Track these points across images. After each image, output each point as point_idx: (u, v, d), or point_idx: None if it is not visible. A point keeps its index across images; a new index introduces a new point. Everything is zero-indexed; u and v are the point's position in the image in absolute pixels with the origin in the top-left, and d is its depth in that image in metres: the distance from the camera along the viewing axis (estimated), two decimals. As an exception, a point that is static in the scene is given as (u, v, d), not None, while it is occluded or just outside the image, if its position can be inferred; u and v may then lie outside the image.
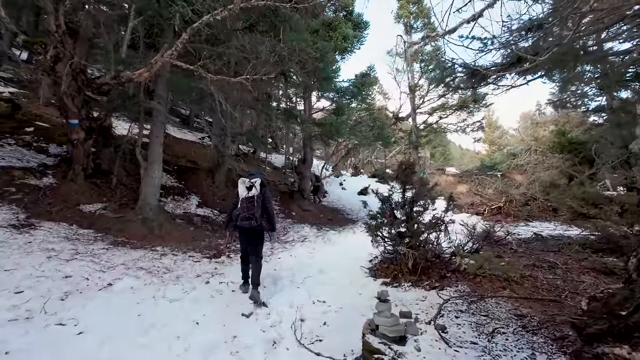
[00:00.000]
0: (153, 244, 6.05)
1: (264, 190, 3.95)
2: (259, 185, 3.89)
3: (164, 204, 7.95)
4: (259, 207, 3.82)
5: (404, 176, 4.54)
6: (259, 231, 3.93)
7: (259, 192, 3.85)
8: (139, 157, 7.20)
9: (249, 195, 3.84)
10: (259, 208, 3.81)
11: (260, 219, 3.80)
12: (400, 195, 4.57)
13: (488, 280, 3.58)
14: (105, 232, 6.10)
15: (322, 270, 4.66)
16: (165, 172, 9.87)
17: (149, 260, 4.92)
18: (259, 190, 3.87)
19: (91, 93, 6.85)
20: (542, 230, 6.94)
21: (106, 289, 3.70)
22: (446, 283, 3.67)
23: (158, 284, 4.07)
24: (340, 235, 7.91)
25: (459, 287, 3.54)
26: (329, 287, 4.03)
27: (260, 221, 3.80)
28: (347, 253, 5.77)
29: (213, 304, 3.61)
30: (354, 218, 11.67)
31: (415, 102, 18.27)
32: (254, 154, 16.29)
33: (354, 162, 27.04)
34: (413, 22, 19.23)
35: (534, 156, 17.34)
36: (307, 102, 11.02)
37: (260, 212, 3.82)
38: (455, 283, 3.66)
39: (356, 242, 6.96)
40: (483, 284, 3.52)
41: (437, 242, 4.20)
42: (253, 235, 3.95)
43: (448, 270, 3.88)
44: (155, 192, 7.12)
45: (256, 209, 3.78)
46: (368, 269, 4.64)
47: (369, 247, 5.94)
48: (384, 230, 4.54)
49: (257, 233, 3.94)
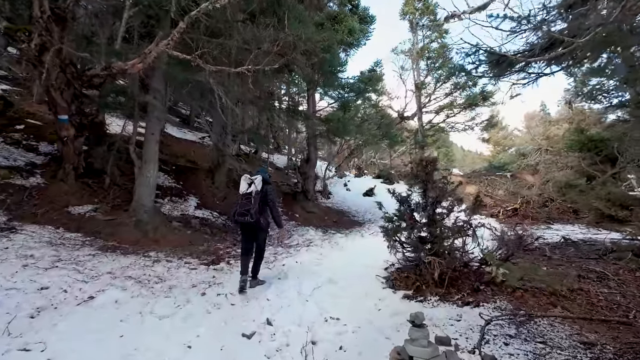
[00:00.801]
0: (146, 249, 5.56)
1: (266, 188, 3.97)
2: (259, 182, 3.93)
3: (160, 206, 7.47)
4: (256, 203, 3.84)
5: (424, 174, 4.03)
6: (255, 227, 3.96)
7: (258, 189, 3.89)
8: (132, 155, 6.73)
9: (247, 192, 3.94)
10: (256, 204, 3.83)
11: (256, 215, 3.81)
12: (421, 196, 4.07)
13: (531, 295, 3.07)
14: (94, 236, 5.62)
15: (333, 279, 4.14)
16: (163, 172, 9.40)
17: (139, 268, 4.43)
18: (259, 187, 3.91)
19: (82, 86, 6.40)
20: (568, 234, 6.40)
21: (86, 304, 3.21)
22: (481, 298, 3.16)
23: (147, 296, 3.57)
24: (347, 239, 7.40)
25: (497, 303, 3.03)
26: (342, 300, 3.52)
27: (256, 217, 3.81)
28: (358, 259, 5.26)
29: (209, 321, 3.11)
30: (361, 220, 11.16)
31: (422, 100, 17.76)
32: (256, 154, 15.80)
33: (357, 163, 26.54)
34: (419, 19, 18.75)
35: (544, 156, 16.82)
36: (310, 99, 10.53)
37: (257, 208, 3.84)
38: (492, 298, 3.14)
39: (366, 246, 6.46)
40: (526, 300, 3.01)
41: (464, 248, 3.69)
42: (250, 231, 4.06)
43: (481, 282, 3.37)
44: (150, 193, 6.64)
45: (252, 205, 3.82)
46: (384, 278, 4.13)
47: (382, 252, 5.43)
48: (403, 234, 4.03)
49: (253, 228, 4.00)
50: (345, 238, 7.51)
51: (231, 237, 7.36)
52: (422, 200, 4.02)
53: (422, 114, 18.20)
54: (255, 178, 3.99)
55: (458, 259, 3.57)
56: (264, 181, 4.03)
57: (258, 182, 3.95)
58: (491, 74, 4.83)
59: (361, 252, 5.85)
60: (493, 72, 4.81)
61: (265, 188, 3.98)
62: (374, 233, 7.92)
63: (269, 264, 5.32)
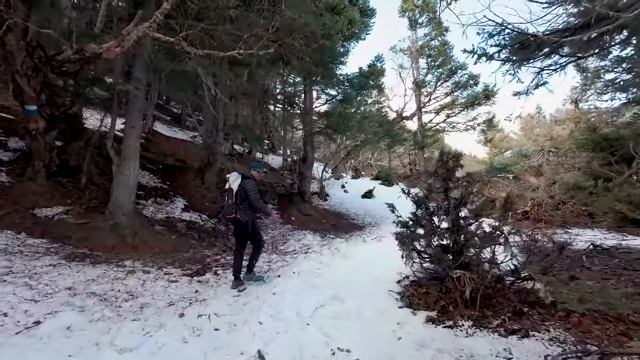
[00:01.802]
0: (122, 257, 4.87)
1: (243, 183, 4.01)
2: (234, 179, 4.05)
3: (141, 208, 6.77)
4: (230, 200, 4.01)
5: (445, 171, 3.42)
6: (238, 222, 4.05)
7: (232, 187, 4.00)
8: (110, 151, 6.03)
9: (225, 188, 4.12)
10: (230, 201, 4.00)
11: (230, 210, 3.98)
12: (442, 197, 3.46)
13: (591, 321, 2.46)
14: (62, 243, 4.92)
15: (337, 295, 3.50)
16: (148, 171, 8.70)
17: (108, 282, 3.74)
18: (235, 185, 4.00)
19: (52, 73, 5.71)
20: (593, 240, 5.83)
21: (28, 332, 2.52)
22: (527, 324, 2.54)
23: (111, 319, 2.90)
24: (349, 245, 6.76)
25: (552, 332, 2.41)
26: (352, 324, 2.88)
27: (231, 213, 3.98)
28: (364, 269, 4.62)
29: (184, 355, 2.45)
30: (360, 224, 10.54)
31: (421, 99, 17.25)
32: (250, 153, 15.13)
33: (354, 164, 25.98)
34: (418, 16, 18.29)
35: (547, 157, 16.39)
36: (307, 95, 9.91)
37: (233, 202, 3.97)
38: (542, 324, 2.53)
39: (370, 253, 5.83)
40: (588, 328, 2.39)
41: (494, 259, 3.08)
42: (236, 228, 4.20)
43: (523, 302, 2.76)
44: (129, 193, 5.94)
45: (227, 202, 4.04)
46: (399, 294, 3.49)
47: (390, 261, 4.81)
48: (420, 242, 3.41)
49: (236, 224, 4.11)
50: (346, 244, 6.87)
51: (221, 242, 6.69)
52: (443, 203, 3.41)
53: (422, 114, 17.69)
54: (230, 175, 4.14)
55: (490, 272, 2.95)
56: (243, 176, 4.09)
57: (233, 179, 4.06)
58: (515, 58, 4.25)
59: (366, 260, 5.21)
60: (517, 56, 4.24)
61: (243, 183, 4.00)
62: (377, 238, 7.30)
63: (262, 273, 4.66)
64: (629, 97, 7.52)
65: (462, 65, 14.95)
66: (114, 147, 6.11)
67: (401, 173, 18.20)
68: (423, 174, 16.82)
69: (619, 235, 6.32)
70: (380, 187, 15.16)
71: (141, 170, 8.43)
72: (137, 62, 6.24)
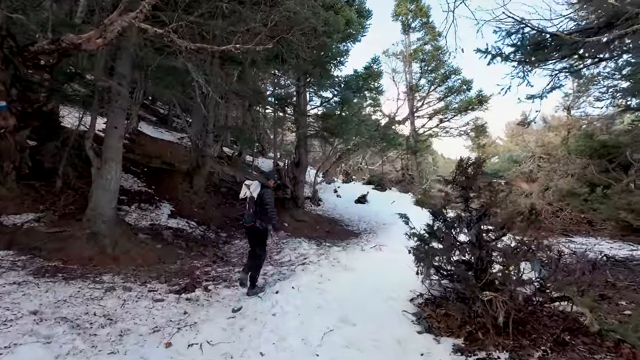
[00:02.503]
0: (100, 271, 4.37)
1: (262, 192, 4.01)
2: (255, 187, 4.03)
3: (124, 214, 6.24)
4: (250, 208, 4.00)
5: (465, 179, 3.11)
6: (256, 230, 4.07)
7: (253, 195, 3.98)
8: (89, 152, 5.51)
9: (243, 197, 4.11)
10: (250, 209, 4.00)
11: (250, 219, 3.99)
12: (462, 207, 3.14)
13: (647, 353, 2.18)
14: (32, 254, 4.38)
15: (346, 317, 3.12)
16: (132, 174, 8.15)
17: (82, 302, 3.26)
18: (255, 193, 3.99)
19: (25, 66, 5.17)
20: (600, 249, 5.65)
21: (-24, 375, 2.05)
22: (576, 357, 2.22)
23: (83, 352, 2.44)
24: (347, 254, 6.40)
25: (607, 370, 2.11)
26: (368, 355, 2.51)
27: (251, 221, 3.99)
28: (369, 284, 4.26)
29: (173, 400, 2.02)
30: (356, 230, 10.19)
31: (414, 104, 17.13)
32: (240, 156, 14.61)
33: (344, 169, 25.73)
34: (411, 20, 18.23)
35: (537, 162, 16.49)
36: (302, 96, 9.54)
37: (252, 213, 3.98)
38: (591, 357, 2.22)
39: (373, 265, 5.48)
40: (647, 363, 2.11)
41: (521, 277, 2.77)
42: (251, 234, 4.17)
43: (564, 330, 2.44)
44: (110, 199, 5.43)
45: (246, 210, 4.02)
46: (414, 315, 3.14)
47: (396, 273, 4.49)
48: (439, 258, 3.07)
49: (254, 231, 4.10)
50: (344, 253, 6.50)
51: (211, 251, 6.22)
52: (464, 214, 3.09)
53: (415, 118, 17.58)
54: (250, 184, 4.10)
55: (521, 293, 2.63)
56: (262, 185, 4.07)
57: (254, 187, 4.04)
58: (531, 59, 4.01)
59: (370, 273, 4.84)
60: (533, 57, 3.99)
61: (262, 192, 4.01)
62: (376, 247, 6.96)
63: (258, 288, 4.25)
64: (628, 104, 7.45)
65: (455, 70, 14.92)
66: (93, 147, 5.60)
67: (394, 178, 18.01)
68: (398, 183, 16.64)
69: (626, 245, 6.18)
70: (374, 192, 14.90)
71: (124, 173, 7.87)
72: (121, 56, 5.75)
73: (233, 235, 7.54)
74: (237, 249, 6.70)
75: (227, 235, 7.41)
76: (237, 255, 6.28)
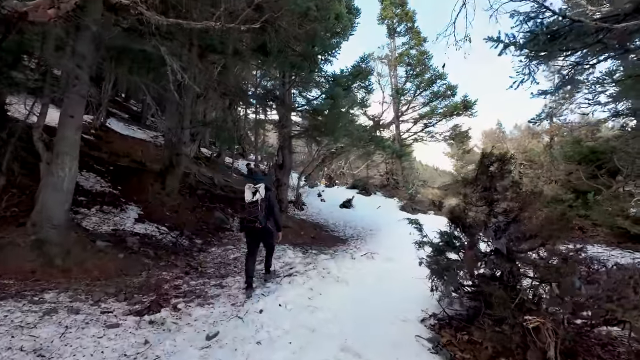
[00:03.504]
0: (43, 286, 3.59)
1: (269, 195, 4.12)
2: (263, 190, 4.09)
3: (81, 218, 5.41)
4: (263, 210, 4.02)
5: (489, 179, 2.64)
6: (264, 232, 4.11)
7: (263, 196, 4.03)
8: (37, 144, 4.70)
9: (253, 200, 4.04)
10: (263, 211, 4.02)
11: (264, 221, 4.01)
12: (485, 213, 2.66)
13: None
14: (-46, 268, 3.54)
15: (348, 345, 2.53)
16: (96, 173, 7.26)
17: (6, 332, 2.51)
18: (263, 195, 4.05)
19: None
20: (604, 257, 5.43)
21: None
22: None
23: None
24: (337, 263, 5.83)
25: None
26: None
27: (264, 223, 4.01)
28: (368, 299, 3.70)
29: None
30: (342, 236, 9.65)
31: (400, 108, 16.93)
32: (218, 157, 13.80)
33: (327, 172, 25.26)
34: (397, 25, 18.13)
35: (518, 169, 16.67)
36: (288, 93, 8.97)
37: (265, 214, 4.03)
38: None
39: (367, 275, 4.94)
40: None
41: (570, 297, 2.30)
42: (257, 236, 4.19)
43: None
44: (63, 200, 4.61)
45: (260, 212, 3.98)
46: (430, 341, 2.59)
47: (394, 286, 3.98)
48: (460, 272, 2.57)
49: (262, 234, 4.14)
50: (333, 262, 5.93)
51: (183, 260, 5.48)
52: (487, 219, 2.61)
53: (400, 123, 17.38)
54: (259, 186, 4.11)
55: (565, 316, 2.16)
56: (266, 188, 4.16)
57: (262, 190, 4.09)
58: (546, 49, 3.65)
59: (367, 285, 4.29)
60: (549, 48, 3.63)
61: (268, 195, 4.12)
62: (367, 255, 6.43)
63: (238, 308, 3.60)
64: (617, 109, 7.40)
65: (440, 75, 14.84)
66: (43, 139, 4.76)
67: (378, 182, 17.68)
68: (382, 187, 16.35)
69: (627, 253, 6.01)
70: (359, 197, 14.46)
71: (86, 172, 6.99)
72: (82, 36, 4.98)
73: (210, 242, 6.80)
74: (213, 258, 5.99)
75: (202, 242, 6.66)
76: (214, 265, 5.57)
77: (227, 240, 7.15)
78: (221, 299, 3.83)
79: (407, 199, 13.50)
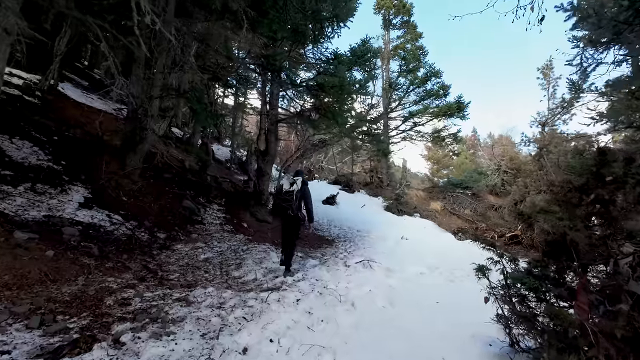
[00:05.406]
0: None
1: (304, 188, 4.67)
2: (300, 182, 4.63)
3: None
4: (297, 200, 4.55)
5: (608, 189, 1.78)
6: (296, 221, 4.65)
7: (299, 188, 4.59)
8: None
9: (290, 190, 4.61)
10: (297, 201, 4.55)
11: (296, 210, 4.55)
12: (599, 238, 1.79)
13: None
14: None
15: None
16: (34, 142, 5.82)
17: None
18: (300, 187, 4.61)
19: None
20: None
21: None
22: None
23: None
24: (330, 272, 4.88)
25: None
26: None
27: (296, 212, 4.55)
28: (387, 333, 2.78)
29: None
30: (327, 236, 8.73)
31: (390, 104, 16.17)
32: (190, 138, 12.33)
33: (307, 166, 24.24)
34: (393, 17, 17.31)
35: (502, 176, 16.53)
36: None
37: (298, 204, 4.57)
38: None
39: (373, 292, 4.01)
40: None
41: None
42: (290, 224, 4.69)
43: None
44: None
45: (294, 202, 4.52)
46: None
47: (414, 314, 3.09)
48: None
49: (293, 221, 4.66)
50: (325, 270, 4.98)
51: (139, 261, 4.29)
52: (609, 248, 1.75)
53: (389, 119, 16.65)
54: (297, 179, 4.66)
55: None
56: (303, 182, 4.67)
57: (299, 182, 4.62)
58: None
59: (380, 312, 3.34)
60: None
61: (304, 188, 4.65)
62: (362, 262, 5.54)
63: (211, 342, 2.54)
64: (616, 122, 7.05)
65: (435, 73, 14.19)
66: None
67: (361, 180, 16.90)
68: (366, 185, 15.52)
69: None
70: (342, 193, 13.57)
71: (19, 140, 5.55)
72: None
73: (175, 237, 5.61)
74: (179, 258, 4.82)
75: (166, 236, 5.45)
76: (179, 268, 4.43)
77: (196, 236, 5.97)
78: (187, 326, 2.74)
79: (394, 199, 12.79)
